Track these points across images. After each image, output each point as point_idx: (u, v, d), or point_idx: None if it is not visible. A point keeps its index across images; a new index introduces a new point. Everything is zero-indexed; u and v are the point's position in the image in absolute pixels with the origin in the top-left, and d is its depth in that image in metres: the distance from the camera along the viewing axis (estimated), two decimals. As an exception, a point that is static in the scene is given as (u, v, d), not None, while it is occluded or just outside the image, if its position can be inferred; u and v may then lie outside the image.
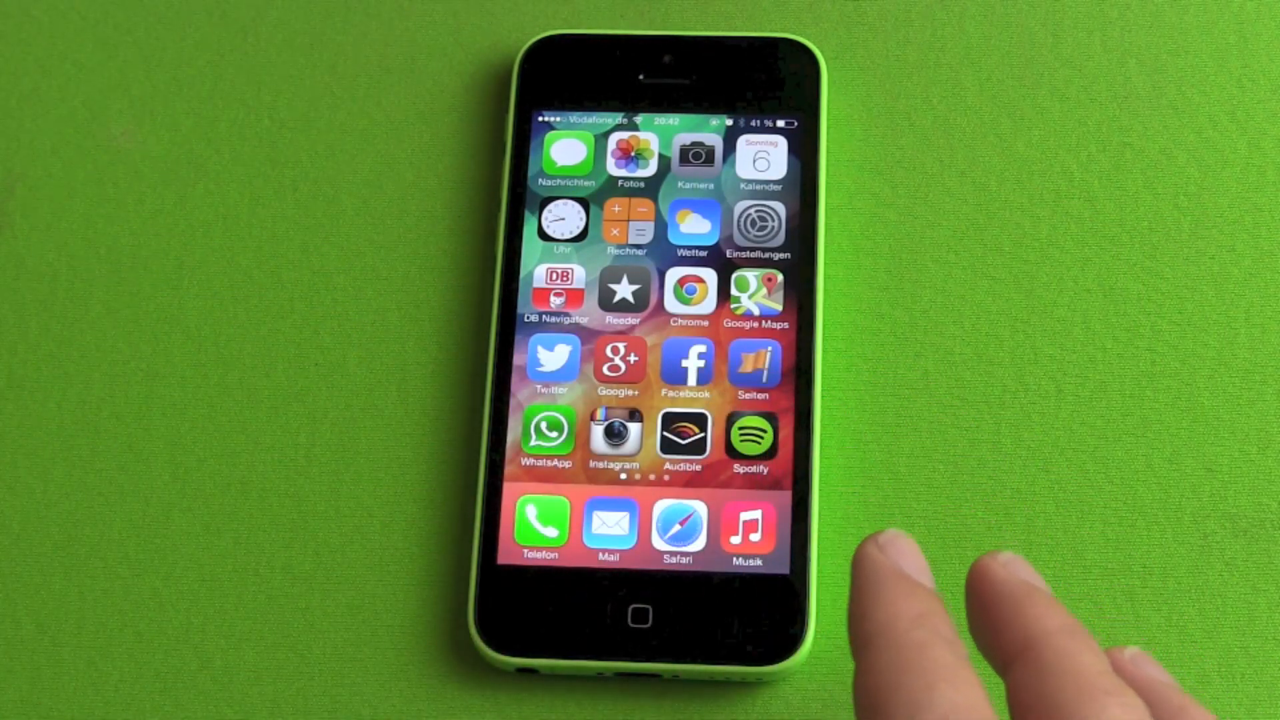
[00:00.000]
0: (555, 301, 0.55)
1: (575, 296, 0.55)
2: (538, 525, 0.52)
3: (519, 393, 0.54)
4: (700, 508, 0.52)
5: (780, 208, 0.55)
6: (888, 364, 0.55)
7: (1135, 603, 0.52)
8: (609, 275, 0.55)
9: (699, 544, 0.52)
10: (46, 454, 0.55)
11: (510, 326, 0.54)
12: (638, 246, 0.55)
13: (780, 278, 0.55)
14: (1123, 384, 0.54)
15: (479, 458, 0.53)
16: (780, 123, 0.56)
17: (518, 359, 0.54)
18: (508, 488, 0.53)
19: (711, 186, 0.56)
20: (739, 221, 0.55)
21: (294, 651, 0.53)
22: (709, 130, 0.57)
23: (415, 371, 0.55)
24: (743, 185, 0.56)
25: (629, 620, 0.51)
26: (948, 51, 0.58)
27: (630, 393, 0.54)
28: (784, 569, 0.51)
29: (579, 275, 0.55)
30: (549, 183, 0.56)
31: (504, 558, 0.52)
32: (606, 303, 0.55)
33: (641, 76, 0.57)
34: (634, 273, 0.55)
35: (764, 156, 0.56)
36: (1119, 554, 0.52)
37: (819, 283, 0.54)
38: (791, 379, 0.53)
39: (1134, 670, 0.42)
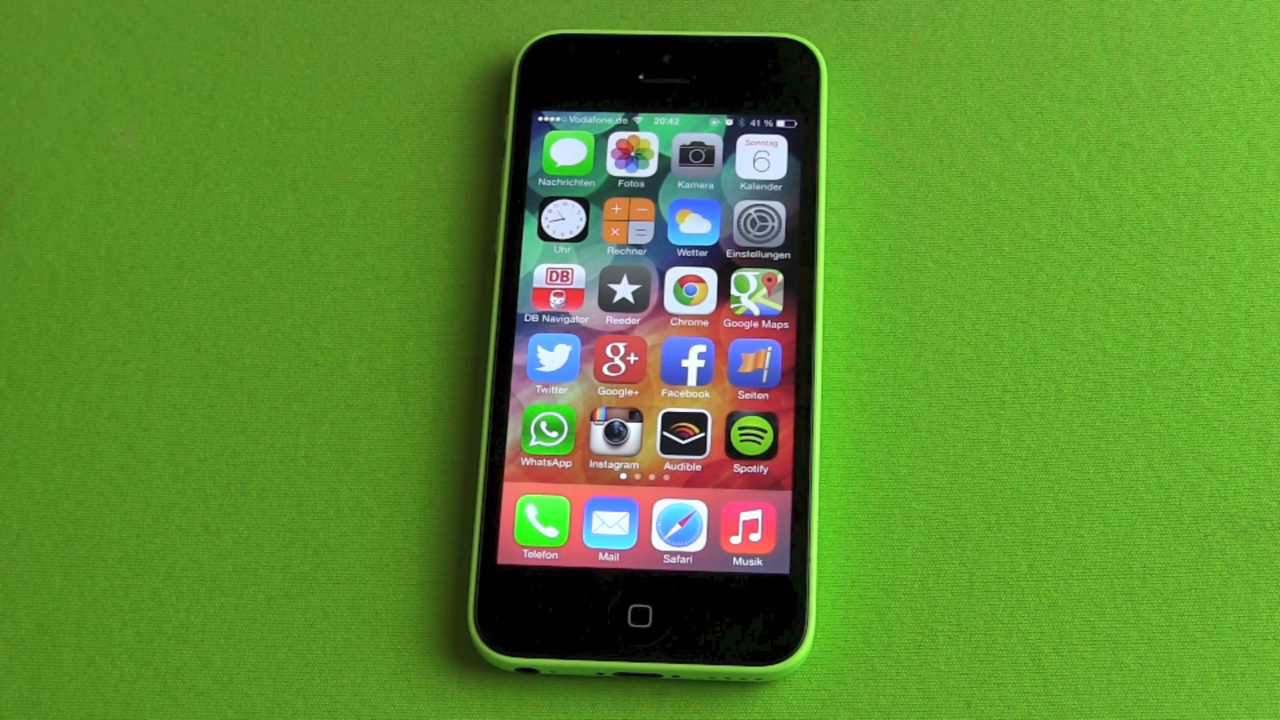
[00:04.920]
0: (555, 301, 0.55)
1: (575, 296, 0.55)
2: (538, 525, 0.52)
3: (519, 393, 0.54)
4: (700, 508, 0.52)
5: (780, 208, 0.55)
6: (888, 364, 0.55)
7: (1135, 603, 0.52)
8: (609, 275, 0.55)
9: (699, 544, 0.52)
10: (46, 454, 0.55)
11: (510, 326, 0.54)
12: (638, 246, 0.55)
13: (780, 278, 0.55)
14: (1123, 384, 0.54)
15: (479, 458, 0.53)
16: (780, 123, 0.56)
17: (518, 359, 0.54)
18: (508, 488, 0.53)
19: (711, 186, 0.56)
20: (739, 221, 0.55)
21: (294, 651, 0.53)
22: (709, 130, 0.57)
23: (415, 371, 0.55)
24: (743, 185, 0.56)
25: (629, 620, 0.51)
26: (948, 51, 0.58)
27: (630, 393, 0.54)
28: (784, 569, 0.51)
29: (579, 275, 0.55)
30: (549, 183, 0.56)
31: (504, 558, 0.52)
32: (606, 303, 0.55)
33: (641, 76, 0.57)
34: (634, 273, 0.55)
35: (764, 156, 0.56)
36: (1119, 554, 0.52)
37: (819, 283, 0.54)
38: (791, 379, 0.53)
39: None
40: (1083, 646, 0.52)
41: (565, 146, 0.57)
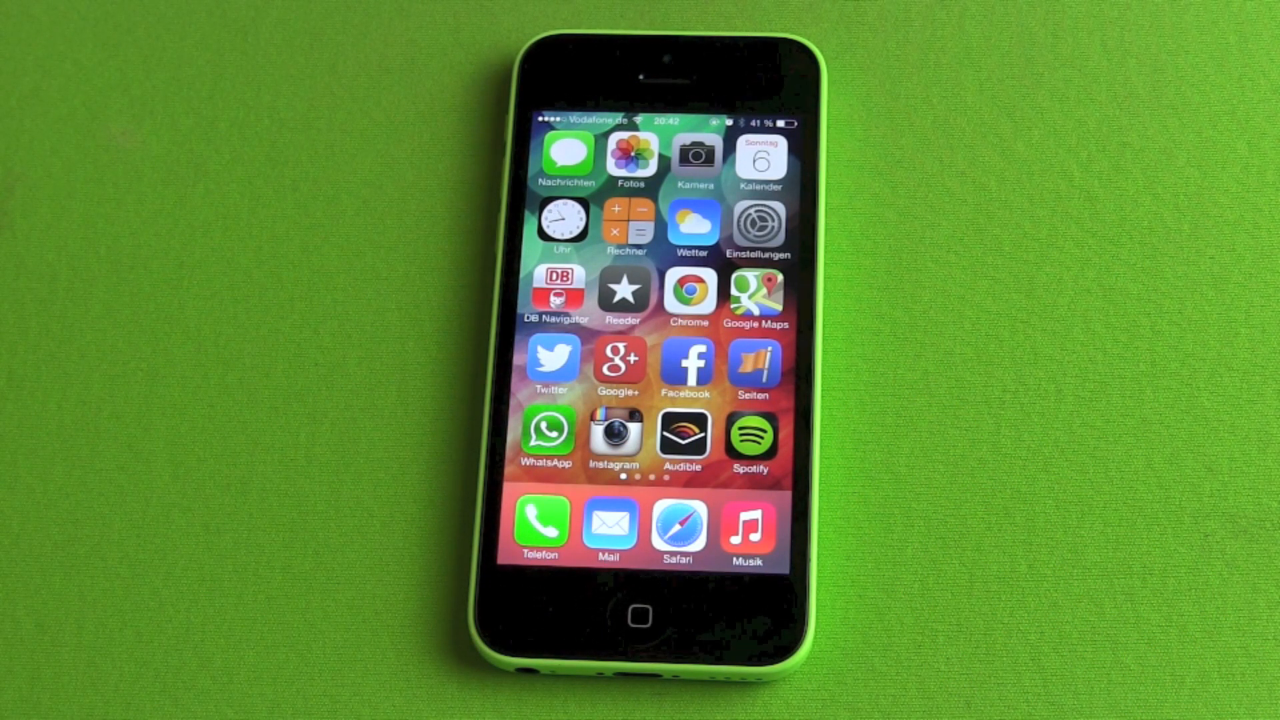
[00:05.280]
0: (555, 301, 0.55)
1: (575, 296, 0.55)
2: (538, 525, 0.52)
3: (519, 393, 0.54)
4: (700, 508, 0.52)
5: (780, 208, 0.55)
6: (888, 364, 0.55)
7: (1135, 603, 0.52)
8: (609, 275, 0.55)
9: (699, 544, 0.52)
10: (46, 454, 0.55)
11: (510, 326, 0.54)
12: (638, 246, 0.55)
13: (780, 278, 0.55)
14: (1123, 384, 0.54)
15: (479, 458, 0.53)
16: (780, 123, 0.56)
17: (518, 359, 0.54)
18: (508, 488, 0.53)
19: (711, 186, 0.56)
20: (739, 221, 0.55)
21: (294, 651, 0.53)
22: (709, 130, 0.57)
23: (415, 371, 0.55)
24: (743, 185, 0.56)
25: (629, 620, 0.51)
26: (948, 51, 0.58)
27: (630, 393, 0.54)
28: (784, 569, 0.51)
29: (579, 275, 0.55)
30: (549, 183, 0.56)
31: (504, 558, 0.52)
32: (606, 303, 0.55)
33: (641, 76, 0.57)
34: (634, 273, 0.55)
35: (764, 156, 0.56)
36: (1119, 554, 0.52)
37: (819, 283, 0.54)
38: (791, 379, 0.53)
39: None
40: (1083, 646, 0.52)
41: (565, 146, 0.57)
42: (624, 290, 0.55)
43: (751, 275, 0.55)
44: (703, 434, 0.53)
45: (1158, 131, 0.57)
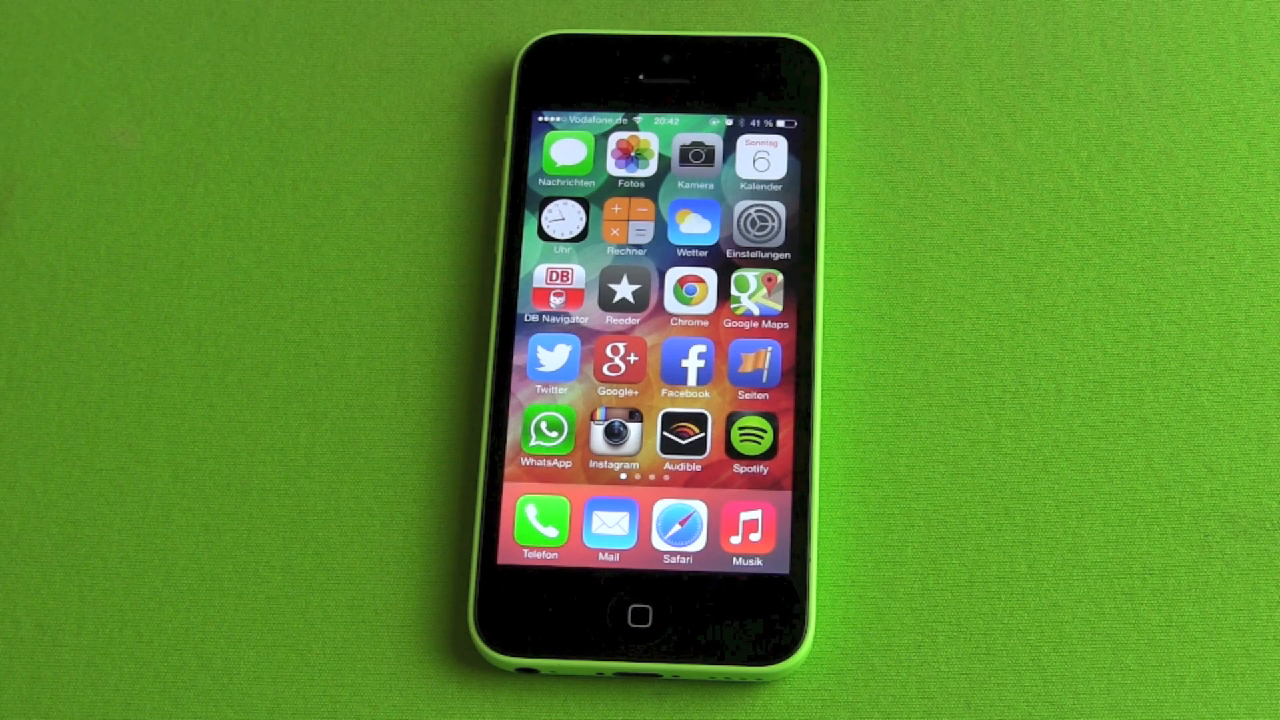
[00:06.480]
0: (555, 301, 0.55)
1: (575, 296, 0.55)
2: (538, 525, 0.52)
3: (519, 393, 0.54)
4: (700, 508, 0.52)
5: (780, 208, 0.55)
6: (888, 364, 0.55)
7: (1135, 603, 0.52)
8: (609, 275, 0.55)
9: (699, 544, 0.52)
10: (46, 454, 0.55)
11: (510, 326, 0.54)
12: (638, 246, 0.55)
13: (780, 278, 0.55)
14: (1123, 384, 0.54)
15: (479, 458, 0.53)
16: (780, 123, 0.56)
17: (518, 359, 0.54)
18: (508, 488, 0.53)
19: (711, 186, 0.56)
20: (739, 221, 0.55)
21: (294, 651, 0.53)
22: (709, 130, 0.57)
23: (415, 371, 0.55)
24: (743, 185, 0.56)
25: (629, 620, 0.51)
26: (948, 51, 0.58)
27: (630, 393, 0.54)
28: (784, 569, 0.51)
29: (579, 275, 0.55)
30: (549, 183, 0.56)
31: (504, 558, 0.52)
32: (606, 303, 0.55)
33: (641, 76, 0.57)
34: (634, 273, 0.55)
35: (764, 156, 0.56)
36: (1119, 554, 0.52)
37: (819, 283, 0.54)
38: (791, 379, 0.53)
39: None
40: (1083, 646, 0.52)
41: (565, 146, 0.57)
42: (624, 290, 0.55)
43: (751, 275, 0.55)
44: (703, 434, 0.53)
45: (1158, 131, 0.57)
